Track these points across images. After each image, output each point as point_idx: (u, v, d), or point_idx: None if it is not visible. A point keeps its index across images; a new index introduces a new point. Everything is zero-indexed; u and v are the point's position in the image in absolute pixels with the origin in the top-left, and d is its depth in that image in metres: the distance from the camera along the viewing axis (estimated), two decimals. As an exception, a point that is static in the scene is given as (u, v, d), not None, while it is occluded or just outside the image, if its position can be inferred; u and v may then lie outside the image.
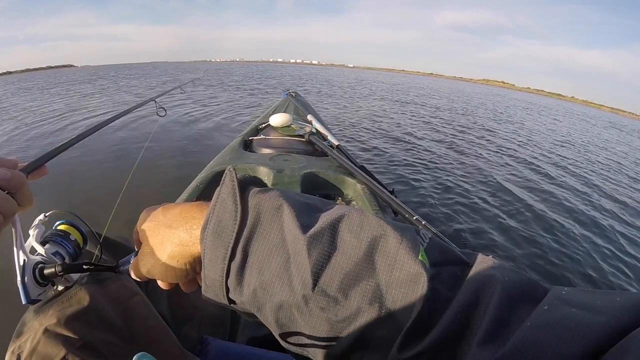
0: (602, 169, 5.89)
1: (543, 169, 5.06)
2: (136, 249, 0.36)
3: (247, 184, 0.30)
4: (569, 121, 16.25)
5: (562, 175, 4.85)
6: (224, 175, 0.29)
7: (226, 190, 0.28)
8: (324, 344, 0.25)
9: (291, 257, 0.25)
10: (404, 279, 0.23)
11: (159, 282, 0.34)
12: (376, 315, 0.23)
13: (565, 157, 6.30)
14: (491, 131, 8.08)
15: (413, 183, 3.66)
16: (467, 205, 3.25)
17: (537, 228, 2.96)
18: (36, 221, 0.48)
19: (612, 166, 6.34)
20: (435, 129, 7.28)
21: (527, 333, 0.18)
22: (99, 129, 0.88)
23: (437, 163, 4.52)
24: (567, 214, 3.40)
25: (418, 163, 4.40)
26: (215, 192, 0.28)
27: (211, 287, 0.28)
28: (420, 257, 0.24)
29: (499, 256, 2.45)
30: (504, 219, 3.05)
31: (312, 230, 0.25)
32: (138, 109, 1.40)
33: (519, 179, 4.32)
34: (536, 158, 5.77)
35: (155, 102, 1.71)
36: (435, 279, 0.24)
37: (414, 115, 9.10)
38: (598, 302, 0.19)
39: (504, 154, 5.71)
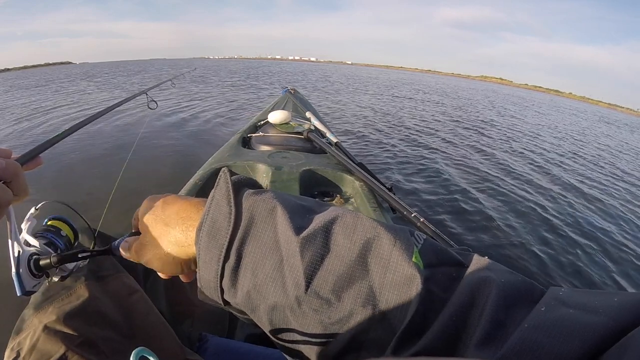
0: (582, 160, 5.94)
1: (536, 163, 5.09)
2: (133, 231, 0.37)
3: (242, 185, 0.30)
4: (561, 115, 16.35)
5: (555, 168, 4.87)
6: (218, 176, 0.29)
7: (220, 192, 0.28)
8: (317, 345, 0.25)
9: (284, 259, 0.25)
10: (397, 281, 0.23)
11: (159, 272, 0.34)
12: (369, 317, 0.23)
13: (547, 148, 6.34)
14: (484, 125, 8.14)
15: (411, 180, 3.66)
16: (464, 201, 3.26)
17: (535, 225, 2.98)
18: (28, 214, 0.47)
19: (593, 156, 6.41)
20: (431, 125, 7.29)
21: (525, 334, 0.18)
22: (92, 120, 0.89)
23: (434, 160, 4.53)
24: (567, 211, 3.42)
25: (416, 160, 4.41)
26: (210, 194, 0.29)
27: (206, 288, 0.28)
28: (414, 259, 0.24)
29: (495, 254, 2.47)
30: (502, 216, 3.06)
31: (305, 232, 0.25)
32: (130, 102, 1.40)
33: (514, 174, 4.34)
34: (524, 151, 5.80)
35: (147, 94, 1.71)
36: (430, 280, 0.24)
37: (410, 112, 9.10)
38: (595, 302, 0.19)
39: (497, 148, 5.74)
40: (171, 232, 0.30)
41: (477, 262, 0.26)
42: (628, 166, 6.31)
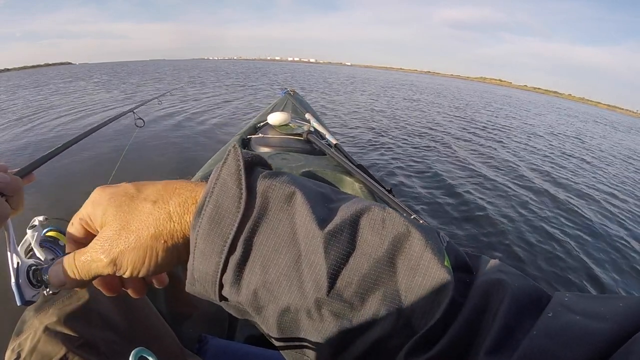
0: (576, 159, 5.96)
1: (534, 164, 5.10)
2: (67, 252, 0.29)
3: (254, 164, 0.26)
4: (556, 117, 16.43)
5: (549, 169, 4.89)
6: (227, 152, 0.24)
7: (228, 171, 0.23)
8: (331, 352, 0.22)
9: (302, 255, 0.22)
10: (426, 285, 0.21)
11: (137, 271, 0.25)
12: (393, 322, 0.21)
13: (538, 147, 6.36)
14: (480, 127, 8.19)
15: (410, 181, 3.67)
16: (462, 203, 3.27)
17: (535, 227, 2.99)
18: (35, 222, 0.48)
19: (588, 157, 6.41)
20: (429, 127, 7.31)
21: (534, 342, 0.18)
22: (81, 138, 0.92)
23: (433, 161, 4.54)
24: (567, 212, 3.42)
25: (415, 162, 4.42)
26: (214, 171, 0.24)
27: (200, 282, 0.24)
28: (445, 263, 0.22)
29: (493, 255, 2.47)
30: (500, 217, 3.07)
31: (330, 226, 0.22)
32: (117, 120, 1.39)
33: (512, 175, 4.34)
34: (519, 152, 5.82)
35: (134, 113, 1.71)
36: None
37: (409, 113, 9.13)
38: (601, 308, 0.19)
39: (496, 150, 5.77)
40: (163, 208, 0.25)
41: (490, 264, 0.25)
42: (620, 168, 6.33)
